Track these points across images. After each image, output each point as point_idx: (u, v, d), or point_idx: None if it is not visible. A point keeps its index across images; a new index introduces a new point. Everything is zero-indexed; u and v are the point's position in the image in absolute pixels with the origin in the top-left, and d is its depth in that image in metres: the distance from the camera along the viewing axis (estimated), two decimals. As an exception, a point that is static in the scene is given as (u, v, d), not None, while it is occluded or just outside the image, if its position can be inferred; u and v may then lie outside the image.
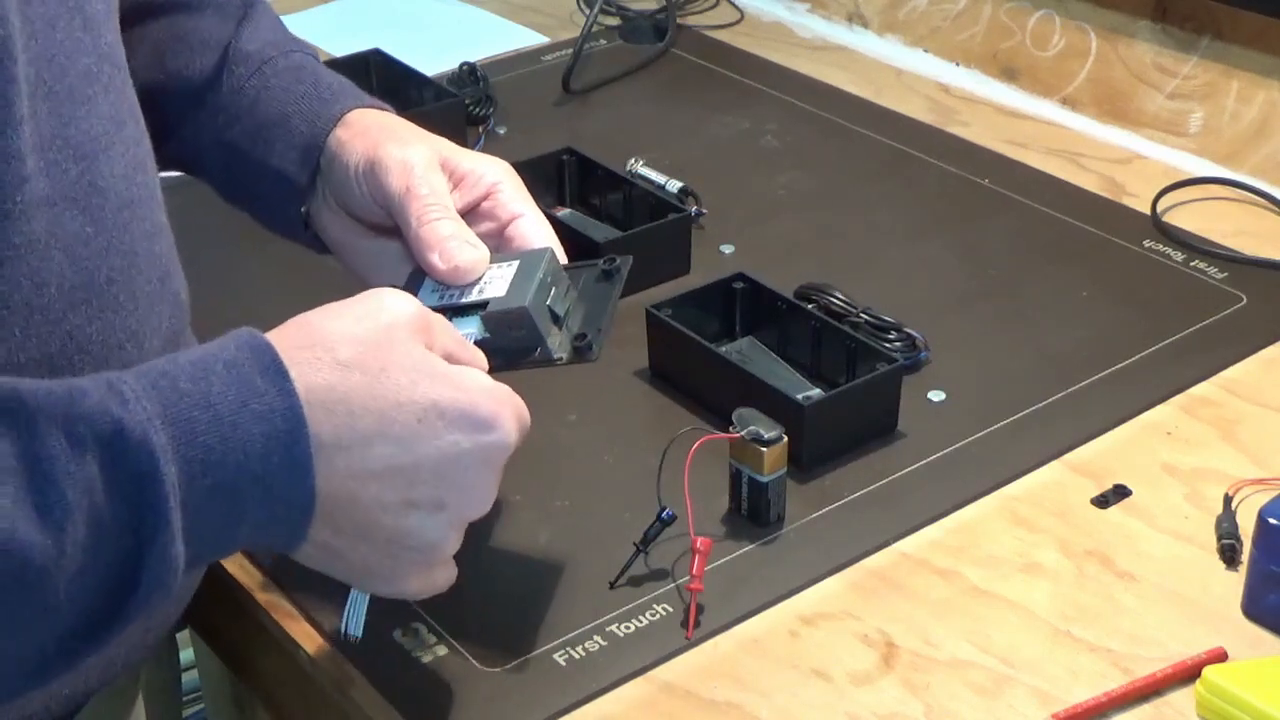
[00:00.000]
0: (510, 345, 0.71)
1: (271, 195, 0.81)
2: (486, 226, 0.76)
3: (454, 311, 0.71)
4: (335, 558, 0.63)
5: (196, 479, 0.56)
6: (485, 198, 0.76)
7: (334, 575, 0.65)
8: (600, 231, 1.05)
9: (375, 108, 0.81)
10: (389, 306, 0.62)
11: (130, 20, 0.79)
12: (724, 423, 0.79)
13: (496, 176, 0.76)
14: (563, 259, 0.74)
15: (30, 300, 0.61)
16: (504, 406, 0.63)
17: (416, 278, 0.74)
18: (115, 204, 0.65)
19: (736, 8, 1.50)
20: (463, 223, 0.74)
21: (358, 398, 0.60)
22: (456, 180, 0.76)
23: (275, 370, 0.58)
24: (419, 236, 0.72)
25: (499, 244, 0.75)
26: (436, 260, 0.72)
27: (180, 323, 0.72)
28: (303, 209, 0.80)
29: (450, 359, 0.64)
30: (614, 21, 1.45)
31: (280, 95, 0.81)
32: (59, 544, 0.53)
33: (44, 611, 0.53)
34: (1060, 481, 0.84)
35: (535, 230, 0.75)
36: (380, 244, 0.79)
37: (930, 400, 0.90)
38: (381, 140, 0.76)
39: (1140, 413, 0.89)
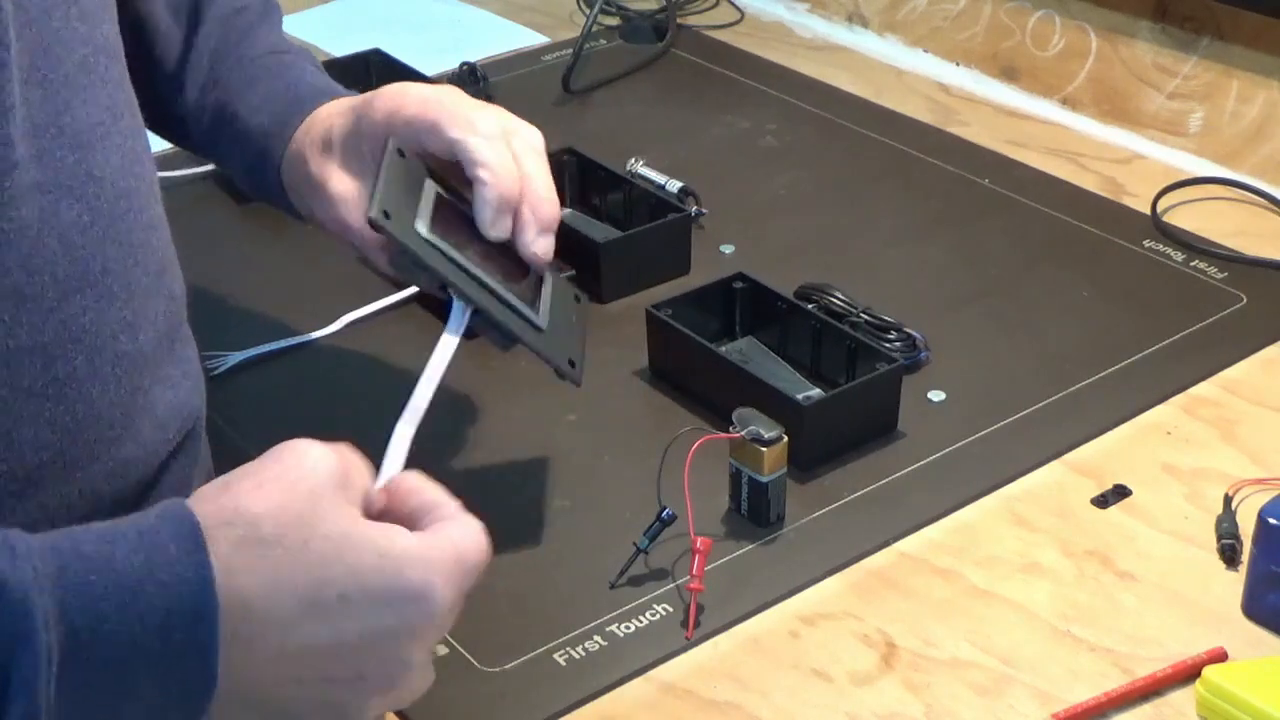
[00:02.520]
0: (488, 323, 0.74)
1: (251, 154, 0.83)
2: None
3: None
4: None
5: (83, 649, 0.52)
6: None
7: None
8: (600, 231, 1.05)
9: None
10: (310, 467, 0.58)
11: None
12: (724, 423, 0.79)
13: (531, 167, 0.78)
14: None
15: (21, 287, 0.61)
16: (432, 572, 0.58)
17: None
18: (112, 194, 0.65)
19: (736, 8, 1.50)
20: None
21: (278, 575, 0.56)
22: None
23: (192, 540, 0.54)
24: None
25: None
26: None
27: (176, 318, 0.72)
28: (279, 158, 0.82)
29: (370, 510, 0.60)
30: (614, 21, 1.45)
31: (279, 77, 0.84)
32: None
33: None
34: (1060, 481, 0.84)
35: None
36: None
37: (930, 400, 0.90)
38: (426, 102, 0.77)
39: (1140, 413, 0.89)
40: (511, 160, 0.75)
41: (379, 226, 0.71)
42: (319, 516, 0.57)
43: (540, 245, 0.76)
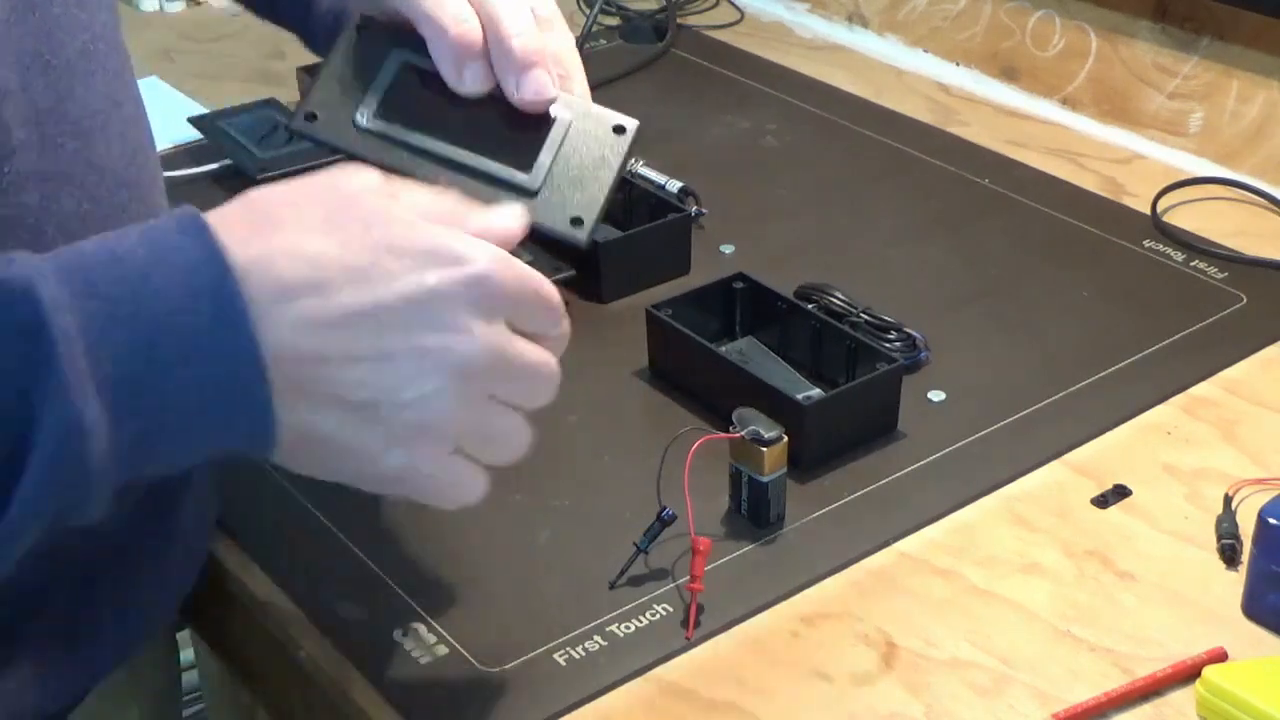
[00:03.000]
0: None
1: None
2: None
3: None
4: (318, 442, 0.56)
5: (106, 331, 0.50)
6: None
7: (326, 473, 0.58)
8: (600, 231, 1.05)
9: None
10: (350, 174, 0.57)
11: None
12: (724, 423, 0.79)
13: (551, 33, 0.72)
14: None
15: None
16: (476, 246, 0.57)
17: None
18: (112, 183, 0.65)
19: (736, 8, 1.50)
20: None
21: (298, 245, 0.54)
22: None
23: (195, 226, 0.53)
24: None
25: None
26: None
27: None
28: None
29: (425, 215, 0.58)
30: (614, 21, 1.45)
31: None
32: None
33: None
34: (1060, 481, 0.84)
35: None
36: None
37: (930, 400, 0.90)
38: None
39: (1140, 413, 0.89)
40: (462, 2, 0.67)
41: (301, 133, 0.67)
42: (348, 201, 0.56)
43: (528, 86, 0.67)
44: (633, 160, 1.14)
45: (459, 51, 0.67)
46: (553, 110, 0.69)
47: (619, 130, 0.71)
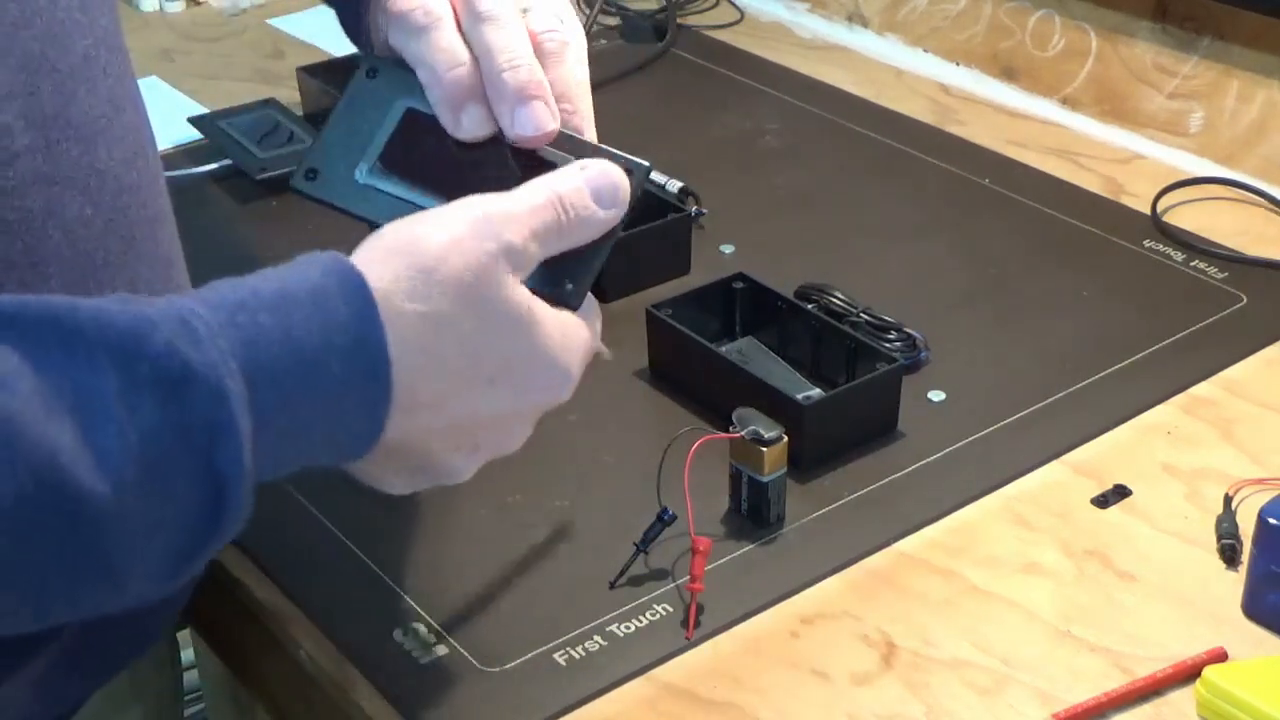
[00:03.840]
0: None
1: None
2: None
3: None
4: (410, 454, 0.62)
5: (270, 422, 0.54)
6: None
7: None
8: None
9: None
10: (487, 234, 0.59)
11: None
12: (724, 423, 0.79)
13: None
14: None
15: (26, 280, 0.61)
16: (572, 355, 0.63)
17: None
18: (114, 188, 0.65)
19: (736, 8, 1.50)
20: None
21: (443, 353, 0.58)
22: None
23: (362, 302, 0.56)
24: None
25: None
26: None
27: None
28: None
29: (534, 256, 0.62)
30: (614, 21, 1.45)
31: None
32: (118, 492, 0.50)
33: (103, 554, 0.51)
34: (1060, 481, 0.84)
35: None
36: None
37: (930, 400, 0.90)
38: None
39: (1140, 413, 0.89)
40: (455, 41, 0.65)
41: (301, 193, 0.67)
42: (489, 293, 0.59)
43: (522, 122, 0.65)
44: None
45: (454, 96, 0.65)
46: (557, 155, 0.66)
47: (628, 172, 0.67)
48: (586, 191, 0.63)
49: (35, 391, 0.49)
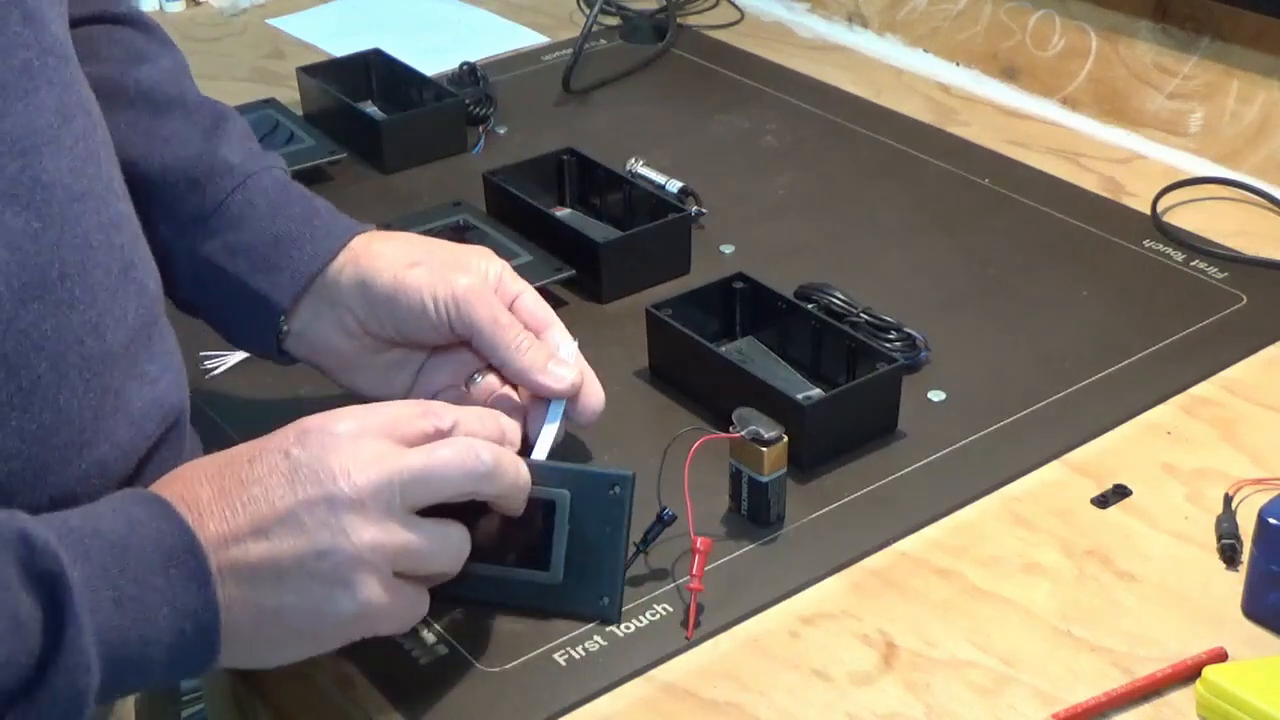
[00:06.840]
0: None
1: (246, 314, 0.81)
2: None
3: None
4: (270, 617, 0.64)
5: (99, 590, 0.59)
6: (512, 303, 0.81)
7: (288, 647, 0.66)
8: (600, 231, 1.05)
9: (372, 229, 0.83)
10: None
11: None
12: (724, 423, 0.79)
13: (519, 287, 0.81)
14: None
15: None
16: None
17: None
18: (64, 198, 0.64)
19: (736, 8, 1.50)
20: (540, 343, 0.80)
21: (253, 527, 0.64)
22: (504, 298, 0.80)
23: (201, 582, 0.62)
24: (525, 364, 0.78)
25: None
26: (550, 382, 0.78)
27: (150, 313, 0.70)
28: (282, 328, 0.81)
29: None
30: (614, 21, 1.45)
31: (267, 215, 0.81)
32: None
33: None
34: (1060, 481, 0.84)
35: (543, 311, 0.81)
36: (386, 357, 0.82)
37: (930, 400, 0.90)
38: (441, 269, 0.79)
39: (1140, 413, 0.89)
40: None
41: None
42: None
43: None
44: (634, 161, 1.14)
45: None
46: (554, 494, 0.73)
47: (613, 488, 0.74)
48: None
49: None
